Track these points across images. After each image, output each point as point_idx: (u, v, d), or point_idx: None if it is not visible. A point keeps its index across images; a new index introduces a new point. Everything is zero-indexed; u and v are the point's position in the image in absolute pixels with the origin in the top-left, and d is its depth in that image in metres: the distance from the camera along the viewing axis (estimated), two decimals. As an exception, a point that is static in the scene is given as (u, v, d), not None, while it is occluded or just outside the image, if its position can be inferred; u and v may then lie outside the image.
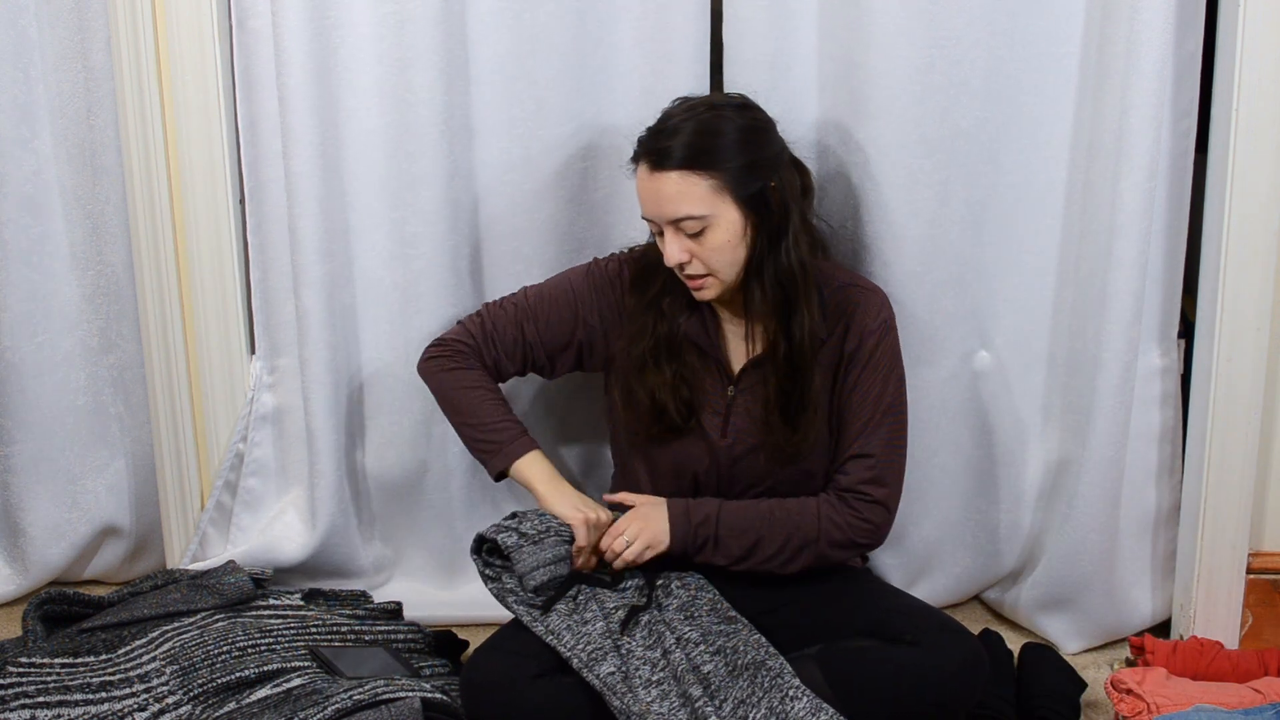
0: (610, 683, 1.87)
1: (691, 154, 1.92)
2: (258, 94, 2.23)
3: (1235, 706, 1.99)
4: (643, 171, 1.96)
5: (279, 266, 2.31)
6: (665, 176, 1.92)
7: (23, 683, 1.97)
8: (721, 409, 2.06)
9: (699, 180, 1.92)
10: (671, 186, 1.92)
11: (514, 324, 2.12)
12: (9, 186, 2.34)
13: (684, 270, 1.97)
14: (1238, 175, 2.12)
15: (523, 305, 2.13)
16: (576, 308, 2.11)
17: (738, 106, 1.98)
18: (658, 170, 1.93)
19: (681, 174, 1.92)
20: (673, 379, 2.03)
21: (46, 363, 2.42)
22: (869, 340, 2.04)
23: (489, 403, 2.10)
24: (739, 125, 1.95)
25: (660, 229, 1.96)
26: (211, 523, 2.42)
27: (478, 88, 2.23)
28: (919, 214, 2.19)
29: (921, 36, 2.12)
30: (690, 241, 1.94)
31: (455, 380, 2.11)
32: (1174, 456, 2.33)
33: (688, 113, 1.96)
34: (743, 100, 2.01)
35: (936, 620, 2.00)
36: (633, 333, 2.06)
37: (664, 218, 1.94)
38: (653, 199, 1.94)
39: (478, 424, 2.09)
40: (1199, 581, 2.28)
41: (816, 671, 1.95)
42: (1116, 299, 2.17)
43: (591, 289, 2.11)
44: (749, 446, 2.05)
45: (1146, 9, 2.05)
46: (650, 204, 1.95)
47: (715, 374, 2.06)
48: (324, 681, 1.96)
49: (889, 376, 2.06)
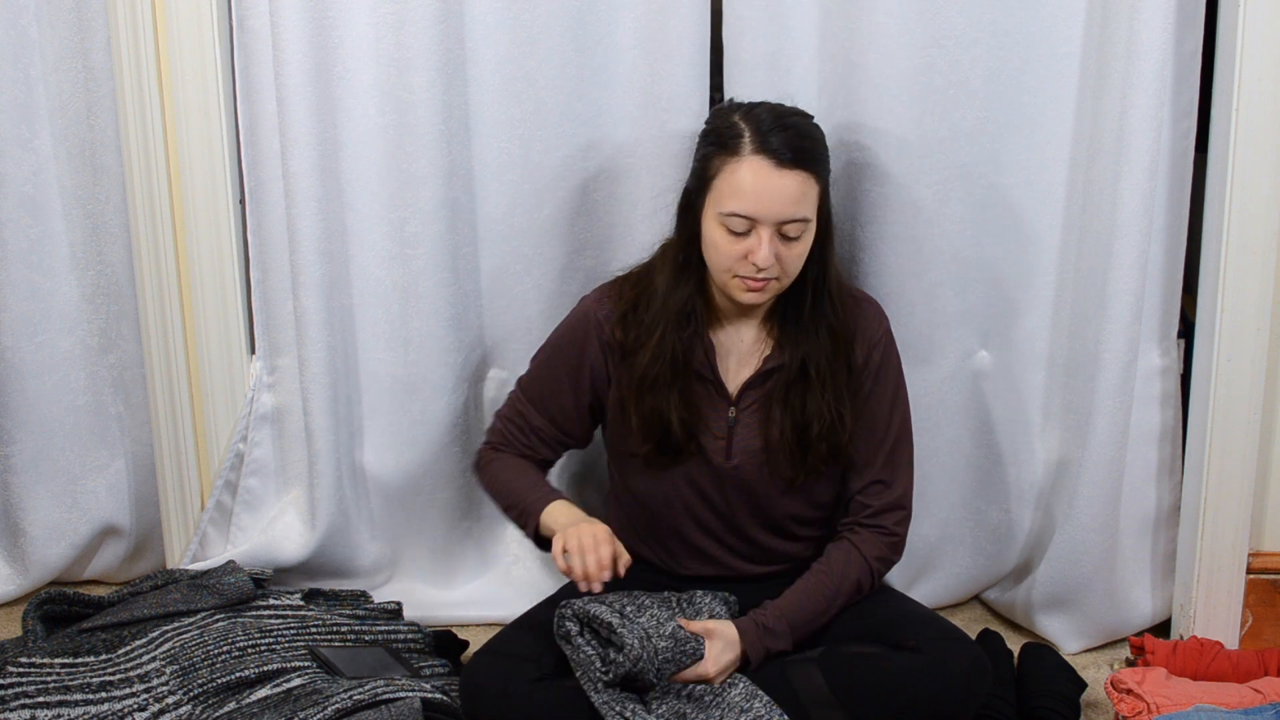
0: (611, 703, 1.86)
1: (812, 157, 1.89)
2: (258, 94, 2.23)
3: (1235, 706, 1.99)
4: (760, 165, 1.86)
5: (279, 267, 2.31)
6: (791, 175, 1.87)
7: (23, 683, 1.97)
8: (724, 431, 2.03)
9: (814, 184, 1.90)
10: (796, 187, 1.87)
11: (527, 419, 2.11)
12: (9, 186, 2.34)
13: (760, 273, 1.90)
14: (1238, 175, 2.12)
15: (525, 399, 2.12)
16: (576, 378, 2.07)
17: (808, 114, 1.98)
18: (783, 167, 1.87)
19: (803, 175, 1.88)
20: (678, 403, 1.99)
21: (46, 363, 2.42)
22: (875, 353, 2.03)
23: (519, 480, 2.07)
24: (822, 133, 1.96)
25: (751, 228, 1.88)
26: (211, 523, 2.42)
27: (477, 88, 2.23)
28: (919, 214, 2.19)
29: (921, 36, 2.12)
30: (780, 246, 1.89)
31: (490, 474, 2.12)
32: (1174, 456, 2.33)
33: (792, 115, 1.92)
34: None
35: (939, 627, 2.00)
36: (643, 359, 2.00)
37: (779, 218, 1.87)
38: (773, 196, 1.86)
39: (511, 503, 2.07)
40: (1199, 581, 2.28)
41: (818, 675, 1.94)
42: (1116, 299, 2.17)
43: (576, 347, 2.06)
44: (755, 465, 2.02)
45: (1146, 9, 2.06)
46: (765, 201, 1.86)
47: (715, 397, 2.03)
48: (324, 681, 1.96)
49: (897, 388, 2.06)
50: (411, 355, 2.33)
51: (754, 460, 2.02)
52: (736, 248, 1.89)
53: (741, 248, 1.89)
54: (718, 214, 1.89)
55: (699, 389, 2.01)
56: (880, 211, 2.20)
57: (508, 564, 2.51)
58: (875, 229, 2.21)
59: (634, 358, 2.00)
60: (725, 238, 1.90)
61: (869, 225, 2.21)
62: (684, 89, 2.15)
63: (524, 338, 2.36)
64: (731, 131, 1.90)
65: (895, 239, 2.21)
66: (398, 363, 2.35)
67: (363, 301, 2.34)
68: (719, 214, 1.89)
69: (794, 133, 1.89)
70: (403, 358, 2.34)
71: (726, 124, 1.92)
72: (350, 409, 2.38)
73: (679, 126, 2.17)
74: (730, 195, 1.88)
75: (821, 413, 1.97)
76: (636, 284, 2.05)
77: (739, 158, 1.88)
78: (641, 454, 2.02)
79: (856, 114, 2.16)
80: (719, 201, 1.89)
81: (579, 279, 2.30)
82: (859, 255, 2.24)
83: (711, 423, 2.02)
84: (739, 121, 1.91)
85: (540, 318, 2.34)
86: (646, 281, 2.03)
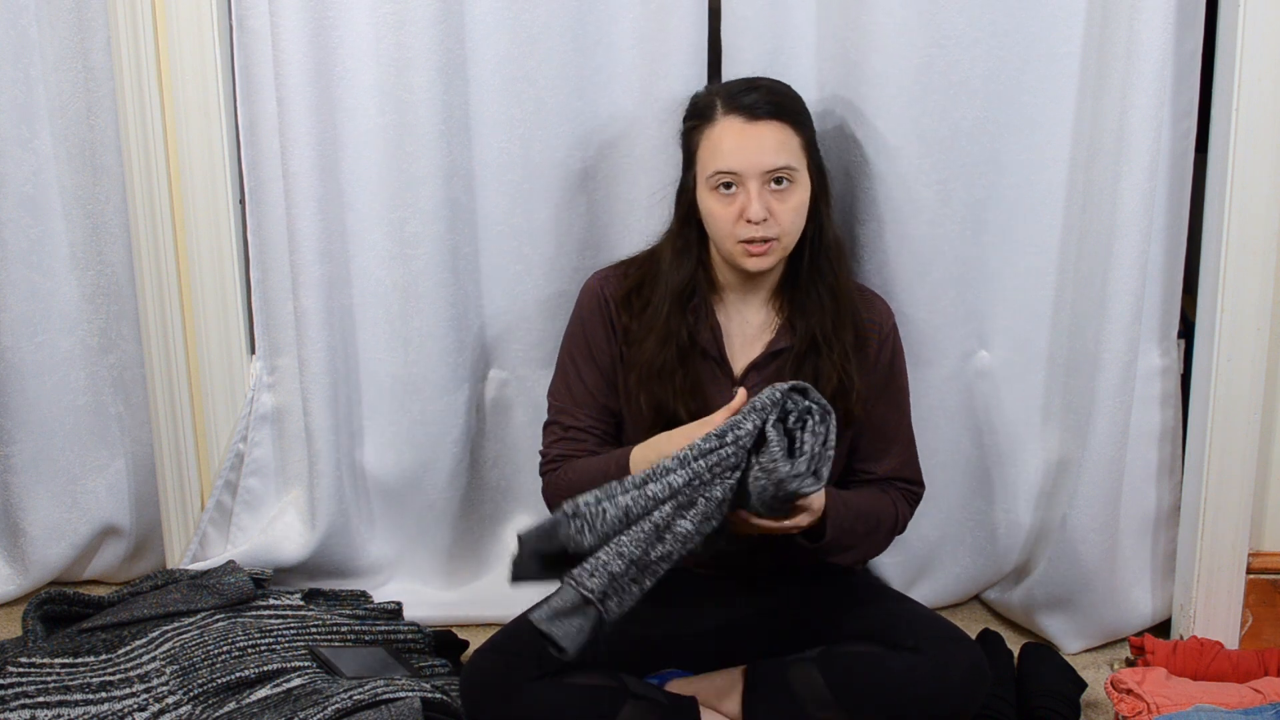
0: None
1: (785, 108, 1.94)
2: (258, 94, 2.23)
3: (1235, 706, 1.99)
4: (734, 123, 1.92)
5: (279, 267, 2.31)
6: (765, 125, 1.92)
7: (23, 683, 1.97)
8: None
9: (793, 134, 1.94)
10: (773, 136, 1.92)
11: (567, 428, 2.07)
12: (9, 186, 2.34)
13: (757, 232, 1.91)
14: (1238, 175, 2.12)
15: (559, 409, 2.08)
16: (596, 356, 2.06)
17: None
18: (756, 120, 1.91)
19: (780, 125, 1.92)
20: (683, 387, 1.99)
21: (46, 363, 2.42)
22: (887, 344, 2.04)
23: (587, 470, 2.00)
24: (797, 94, 2.00)
25: (741, 182, 1.91)
26: (211, 523, 2.42)
27: (476, 88, 2.23)
28: (919, 214, 2.19)
29: (921, 36, 2.12)
30: (772, 199, 1.92)
31: (563, 488, 2.01)
32: (1174, 456, 2.33)
33: (763, 79, 1.99)
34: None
35: (939, 627, 2.00)
36: (650, 345, 2.00)
37: (761, 168, 1.91)
38: (752, 147, 1.91)
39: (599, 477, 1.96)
40: (1199, 581, 2.28)
41: (817, 675, 1.95)
42: (1116, 299, 2.17)
43: (588, 328, 2.06)
44: None
45: (1146, 9, 2.06)
46: (747, 153, 1.91)
47: (719, 377, 2.03)
48: (324, 681, 1.96)
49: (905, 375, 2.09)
50: (411, 355, 2.33)
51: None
52: (730, 210, 1.92)
53: (735, 209, 1.92)
54: (706, 181, 1.94)
55: (704, 368, 2.02)
56: (881, 211, 2.20)
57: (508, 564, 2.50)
58: (875, 228, 2.21)
59: (641, 343, 2.01)
60: (718, 202, 1.94)
61: (869, 225, 2.21)
62: (683, 88, 2.15)
63: (524, 338, 2.36)
64: (705, 102, 1.98)
65: (896, 239, 2.21)
66: (398, 362, 2.35)
67: (363, 301, 2.34)
68: (706, 180, 1.94)
69: (765, 90, 1.95)
70: (403, 357, 2.34)
71: (701, 100, 2.00)
72: (350, 409, 2.38)
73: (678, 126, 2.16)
74: (711, 157, 1.94)
75: (831, 377, 1.98)
76: (641, 266, 2.06)
77: (713, 122, 1.94)
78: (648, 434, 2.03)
79: (856, 113, 2.16)
80: (705, 168, 1.94)
81: (579, 278, 2.29)
82: (860, 255, 2.24)
83: (715, 403, 2.02)
84: (710, 94, 1.99)
85: (540, 318, 2.34)
86: (651, 265, 2.04)
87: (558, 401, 2.09)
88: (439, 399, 2.35)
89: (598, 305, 2.06)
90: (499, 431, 2.44)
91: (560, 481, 2.03)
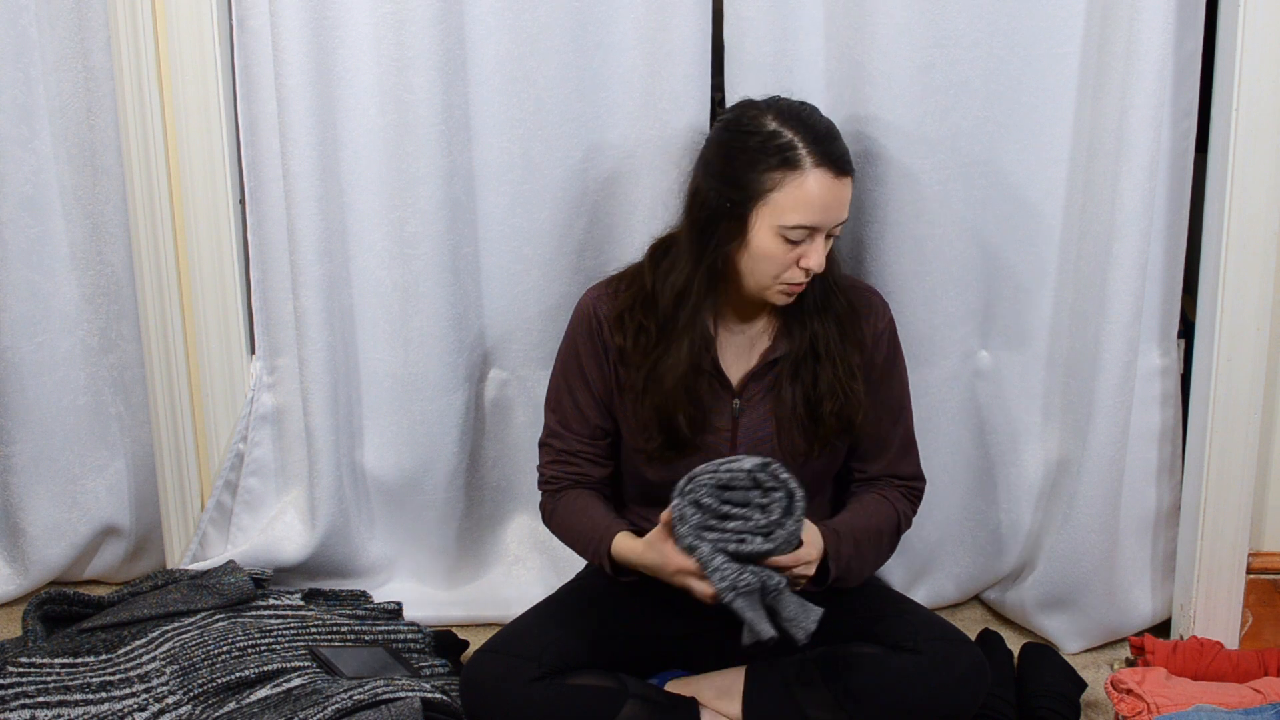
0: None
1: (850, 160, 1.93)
2: (258, 94, 2.23)
3: (1235, 706, 1.99)
4: (824, 178, 1.85)
5: (279, 267, 2.31)
6: (847, 182, 1.90)
7: (23, 683, 1.97)
8: (728, 424, 2.02)
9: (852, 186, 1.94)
10: (849, 192, 1.91)
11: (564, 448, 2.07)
12: (9, 186, 2.34)
13: (805, 277, 1.91)
14: (1238, 175, 2.12)
15: (555, 427, 2.08)
16: (590, 377, 2.04)
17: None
18: (843, 176, 1.88)
19: (850, 181, 1.91)
20: (685, 403, 1.97)
21: (46, 363, 2.42)
22: (883, 340, 2.04)
23: (578, 517, 2.03)
24: None
25: (808, 235, 1.88)
26: (211, 523, 2.42)
27: (477, 88, 2.23)
28: (920, 214, 2.19)
29: (922, 36, 2.12)
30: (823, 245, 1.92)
31: (558, 525, 2.07)
32: (1174, 456, 2.33)
33: (823, 117, 1.93)
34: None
35: (939, 629, 2.00)
36: (660, 370, 1.97)
37: (834, 223, 1.90)
38: (836, 205, 1.88)
39: (584, 545, 2.02)
40: (1199, 581, 2.28)
41: (816, 675, 1.95)
42: (1116, 299, 2.17)
43: (582, 348, 2.04)
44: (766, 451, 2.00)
45: (1146, 9, 2.06)
46: (832, 211, 1.88)
47: (718, 391, 2.01)
48: (324, 681, 1.96)
49: (904, 371, 2.08)
50: (412, 355, 2.33)
51: (763, 447, 2.01)
52: (789, 255, 1.89)
53: (794, 255, 1.89)
54: (778, 226, 1.87)
55: (702, 384, 2.01)
56: (882, 212, 2.20)
57: (508, 564, 2.51)
58: (876, 229, 2.21)
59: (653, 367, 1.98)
60: (782, 248, 1.89)
61: (870, 225, 2.21)
62: (685, 89, 2.15)
63: (524, 338, 2.36)
64: (785, 143, 1.86)
65: (897, 239, 2.21)
66: (398, 362, 2.35)
67: (363, 301, 2.34)
68: (780, 226, 1.87)
69: (839, 138, 1.91)
70: (403, 357, 2.34)
71: (769, 132, 1.88)
72: (350, 409, 2.38)
73: (680, 127, 2.17)
74: (794, 208, 1.86)
75: (834, 389, 1.97)
76: (631, 283, 2.03)
77: (801, 171, 1.85)
78: (647, 450, 2.02)
79: (859, 113, 2.16)
80: (779, 215, 1.87)
81: (579, 279, 2.30)
82: (861, 255, 2.24)
83: (715, 416, 2.01)
84: (782, 129, 1.87)
85: (540, 318, 2.34)
86: (640, 284, 2.02)
87: (550, 421, 2.09)
88: (439, 399, 2.35)
89: (589, 328, 2.03)
90: (499, 431, 2.44)
91: (553, 520, 2.07)
